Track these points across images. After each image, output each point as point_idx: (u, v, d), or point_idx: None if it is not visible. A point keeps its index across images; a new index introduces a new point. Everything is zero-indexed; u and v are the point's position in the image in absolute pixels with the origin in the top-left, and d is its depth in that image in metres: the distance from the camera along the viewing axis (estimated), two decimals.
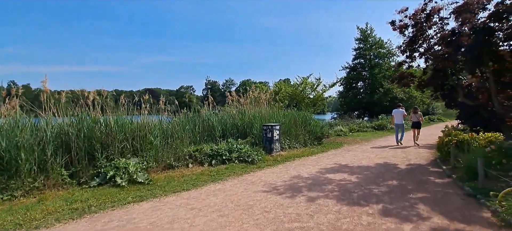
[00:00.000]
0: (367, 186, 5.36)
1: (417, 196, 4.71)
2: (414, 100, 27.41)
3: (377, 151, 9.98)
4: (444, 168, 6.67)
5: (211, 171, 6.91)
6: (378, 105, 25.78)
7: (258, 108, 11.22)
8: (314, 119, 13.64)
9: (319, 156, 9.15)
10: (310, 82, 15.49)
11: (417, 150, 10.15)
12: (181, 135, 8.19)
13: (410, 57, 7.98)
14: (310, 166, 7.49)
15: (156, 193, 5.14)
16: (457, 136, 7.38)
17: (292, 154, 9.32)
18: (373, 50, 27.78)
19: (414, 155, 9.00)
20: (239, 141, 9.13)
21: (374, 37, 28.61)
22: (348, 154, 9.44)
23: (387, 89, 25.18)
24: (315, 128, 11.92)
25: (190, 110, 10.12)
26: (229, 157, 7.92)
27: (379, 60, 27.95)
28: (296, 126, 11.04)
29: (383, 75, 26.65)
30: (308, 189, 5.23)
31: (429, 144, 12.09)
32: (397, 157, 8.65)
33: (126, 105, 7.97)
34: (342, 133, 16.55)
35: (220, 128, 9.51)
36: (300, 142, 10.95)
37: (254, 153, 8.26)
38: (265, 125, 9.38)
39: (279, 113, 11.12)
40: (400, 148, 10.89)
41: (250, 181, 5.97)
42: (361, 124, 19.51)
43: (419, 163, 7.72)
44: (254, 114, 10.38)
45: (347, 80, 29.11)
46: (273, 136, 9.19)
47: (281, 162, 8.12)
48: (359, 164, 7.69)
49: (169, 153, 7.44)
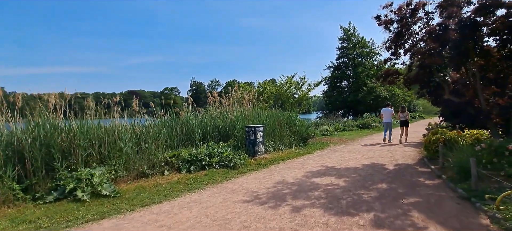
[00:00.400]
0: (356, 191, 4.98)
1: (410, 201, 4.37)
2: (397, 98, 27.86)
3: (363, 151, 9.73)
4: (433, 168, 6.44)
5: (188, 178, 6.33)
6: (362, 104, 25.95)
7: (241, 109, 10.71)
8: (300, 118, 13.30)
9: (305, 158, 8.76)
10: (295, 82, 15.18)
11: (403, 149, 10.01)
12: (156, 140, 7.54)
13: (395, 54, 7.73)
14: (295, 170, 7.07)
15: (121, 208, 4.51)
16: (444, 134, 7.21)
17: (277, 157, 8.88)
18: (356, 49, 27.99)
19: (400, 154, 8.80)
20: (221, 144, 8.60)
21: (357, 36, 28.83)
22: (334, 155, 9.12)
23: (370, 88, 25.41)
24: (300, 128, 11.56)
25: (174, 113, 9.47)
26: (209, 162, 7.36)
27: (363, 60, 28.19)
28: (280, 127, 10.62)
29: (367, 74, 26.88)
30: (293, 197, 4.78)
31: (413, 141, 12.05)
32: (384, 157, 8.41)
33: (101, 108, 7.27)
34: (327, 132, 16.36)
35: (200, 131, 8.92)
36: (285, 143, 10.54)
37: (236, 157, 7.74)
38: (248, 127, 8.89)
39: (263, 114, 10.66)
40: (387, 145, 10.73)
41: (231, 189, 5.45)
42: (346, 122, 19.44)
43: (406, 162, 7.49)
44: (237, 116, 9.86)
45: (332, 80, 29.16)
46: (257, 138, 8.71)
47: (265, 166, 7.66)
48: (346, 165, 7.36)
49: (142, 160, 6.79)
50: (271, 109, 12.88)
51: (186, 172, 6.99)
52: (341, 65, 29.46)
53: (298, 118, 12.30)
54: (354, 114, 26.85)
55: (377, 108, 25.97)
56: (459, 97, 6.88)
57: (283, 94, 15.08)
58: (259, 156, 8.71)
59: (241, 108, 10.93)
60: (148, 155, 7.03)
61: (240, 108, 10.80)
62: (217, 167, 7.33)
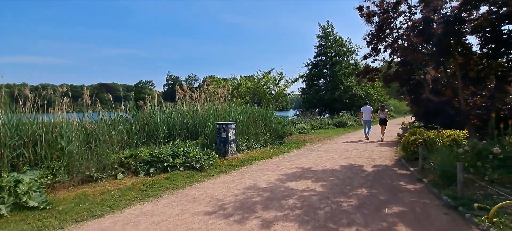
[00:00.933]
0: (335, 198, 4.43)
1: (393, 210, 3.88)
2: (371, 97, 28.40)
3: (340, 150, 9.36)
4: (412, 170, 6.12)
5: (145, 183, 5.45)
6: (338, 102, 26.10)
7: (213, 105, 9.88)
8: (276, 116, 12.76)
9: (280, 158, 8.18)
10: (272, 78, 14.55)
11: (379, 149, 9.79)
12: (110, 138, 6.53)
13: (375, 50, 7.35)
14: (269, 172, 6.44)
15: (47, 225, 3.58)
16: (423, 135, 6.95)
17: (250, 156, 8.21)
18: (334, 48, 28.08)
19: (377, 155, 8.52)
20: (188, 143, 7.75)
21: (335, 35, 28.96)
22: (311, 155, 8.63)
23: (347, 86, 25.61)
24: (276, 126, 10.98)
25: (134, 107, 8.39)
26: (172, 164, 6.50)
27: (340, 58, 28.37)
28: (255, 124, 9.95)
29: (344, 73, 27.08)
30: (264, 207, 4.12)
31: (388, 141, 11.98)
32: (361, 157, 8.05)
33: (43, 101, 6.11)
34: (304, 130, 16.01)
35: (165, 128, 8.00)
36: (260, 142, 9.90)
37: (204, 157, 6.95)
38: (219, 124, 8.11)
39: (238, 110, 9.93)
40: (363, 144, 10.48)
41: (192, 197, 4.68)
42: (323, 121, 19.28)
43: (384, 164, 7.16)
44: (208, 112, 9.03)
45: (309, 77, 29.07)
46: (228, 136, 7.97)
47: (237, 167, 6.95)
48: (323, 167, 6.86)
49: (91, 162, 5.78)
50: (247, 106, 12.20)
51: (145, 175, 6.08)
52: (319, 63, 29.45)
53: (275, 115, 11.72)
54: (331, 112, 26.95)
55: (353, 107, 26.29)
56: (438, 96, 6.62)
57: (260, 90, 14.44)
58: (231, 156, 7.98)
59: (214, 103, 10.12)
60: (98, 155, 6.02)
61: (213, 104, 9.99)
62: (182, 169, 6.49)
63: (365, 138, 12.16)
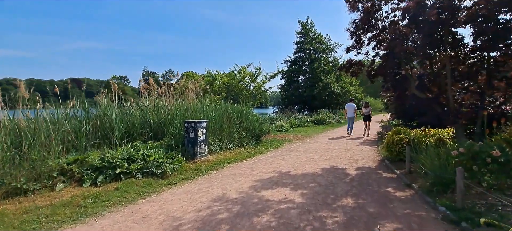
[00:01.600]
0: (318, 213, 3.72)
1: (387, 228, 3.23)
2: (349, 95, 28.56)
3: (320, 150, 8.77)
4: (399, 173, 5.60)
5: (88, 196, 4.42)
6: (317, 100, 25.88)
7: (183, 101, 8.87)
8: (254, 113, 11.99)
9: (255, 160, 7.40)
10: (249, 73, 13.70)
11: (360, 148, 9.34)
12: (48, 140, 5.38)
13: (359, 42, 6.77)
14: (242, 177, 5.63)
15: None
16: (408, 134, 6.48)
17: (223, 158, 7.36)
18: (313, 44, 27.80)
19: (359, 154, 8.01)
20: (150, 144, 6.74)
21: (314, 32, 28.69)
22: (289, 156, 7.94)
23: (326, 84, 25.43)
24: (253, 124, 10.19)
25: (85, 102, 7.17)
26: (127, 170, 5.49)
27: (319, 55, 28.16)
28: (230, 122, 9.08)
29: (322, 70, 26.90)
30: (231, 226, 3.31)
31: (368, 139, 11.65)
32: (343, 158, 7.49)
33: None
34: (283, 128, 15.39)
35: (123, 127, 6.91)
36: (235, 142, 9.06)
37: (167, 161, 5.99)
38: (187, 122, 7.16)
39: (210, 107, 9.00)
40: (344, 140, 9.99)
41: (143, 215, 3.75)
42: (302, 118, 18.82)
43: (368, 166, 6.62)
44: (176, 109, 8.03)
45: (289, 74, 28.62)
46: (198, 136, 7.05)
47: (205, 172, 6.07)
48: (303, 170, 6.17)
49: (21, 169, 4.64)
50: (222, 102, 11.30)
51: (91, 185, 5.03)
52: (298, 60, 29.09)
53: (252, 112, 10.92)
54: (310, 109, 26.70)
55: (331, 104, 26.20)
56: (424, 92, 6.15)
57: (236, 85, 13.55)
58: (200, 159, 7.07)
59: (184, 100, 9.12)
60: (32, 161, 4.88)
61: (183, 100, 8.98)
62: (139, 176, 5.50)
63: (347, 134, 12.41)
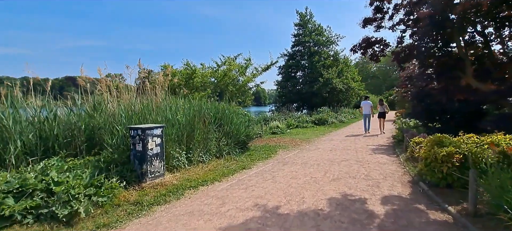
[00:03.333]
0: None
1: None
2: (352, 92, 26.40)
3: (324, 163, 6.58)
4: (455, 212, 3.43)
5: None
6: (317, 97, 23.68)
7: (143, 99, 6.65)
8: (242, 112, 9.84)
9: (233, 182, 5.22)
10: (238, 65, 11.40)
11: (376, 158, 7.16)
12: None
13: (380, 12, 4.55)
14: (200, 222, 3.45)
15: None
16: (458, 146, 4.30)
17: (188, 179, 5.19)
18: (313, 37, 25.54)
19: (377, 170, 5.84)
20: (74, 163, 4.54)
21: (314, 23, 26.44)
22: (282, 173, 5.76)
23: (326, 79, 23.15)
24: (238, 127, 8.00)
25: None
26: (10, 213, 3.29)
27: (319, 48, 25.92)
28: (204, 126, 6.88)
29: (323, 64, 24.65)
30: None
31: (380, 144, 9.48)
32: (357, 178, 5.31)
33: None
34: (278, 130, 13.23)
35: (33, 138, 4.69)
36: (211, 152, 6.88)
37: (88, 192, 3.81)
38: (133, 129, 4.96)
39: (178, 107, 6.79)
40: (352, 152, 7.80)
41: None
42: (300, 118, 16.64)
43: (397, 193, 4.44)
44: (121, 110, 5.80)
45: (286, 69, 26.40)
46: (147, 148, 4.85)
47: (147, 208, 3.89)
48: (300, 204, 3.99)
49: None
50: (209, 100, 9.12)
51: None
52: (297, 53, 26.85)
53: (238, 112, 8.72)
54: (309, 108, 24.52)
55: (333, 102, 24.03)
56: (487, 81, 3.96)
57: (220, 80, 11.32)
58: (152, 181, 4.88)
59: (149, 97, 6.90)
60: None
61: (148, 98, 6.76)
62: (30, 222, 3.32)
63: (365, 132, 12.36)
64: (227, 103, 8.39)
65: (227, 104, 8.11)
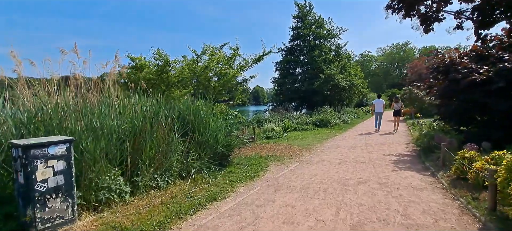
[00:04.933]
0: None
1: None
2: (355, 89, 24.41)
3: (334, 189, 4.56)
4: None
5: None
6: (318, 95, 21.65)
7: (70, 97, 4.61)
8: (232, 113, 7.88)
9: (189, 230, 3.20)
10: (222, 55, 9.24)
11: (405, 178, 5.12)
12: None
13: None
14: None
15: None
16: None
17: (113, 228, 3.16)
18: (313, 30, 23.49)
19: (415, 204, 3.81)
20: None
21: (314, 15, 24.39)
22: (270, 212, 3.73)
23: (328, 75, 21.03)
24: (215, 134, 5.96)
25: None
26: None
27: (319, 42, 23.87)
28: (164, 135, 4.84)
29: (324, 59, 22.58)
30: None
31: (398, 151, 7.48)
32: (391, 223, 3.29)
33: None
34: (273, 133, 11.23)
35: None
36: (173, 173, 4.86)
37: None
38: (14, 146, 2.93)
39: (131, 108, 4.77)
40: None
41: None
42: (299, 119, 14.64)
43: None
44: None
45: (283, 65, 24.36)
46: (34, 179, 2.81)
47: None
48: None
49: None
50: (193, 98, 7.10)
51: None
52: (295, 48, 24.81)
53: (216, 115, 6.68)
54: (309, 107, 22.53)
55: (334, 100, 22.03)
56: None
57: (200, 73, 9.24)
58: None
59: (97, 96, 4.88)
60: None
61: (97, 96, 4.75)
62: None
63: (376, 130, 12.17)
64: (207, 101, 6.34)
65: (202, 103, 6.06)
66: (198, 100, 6.26)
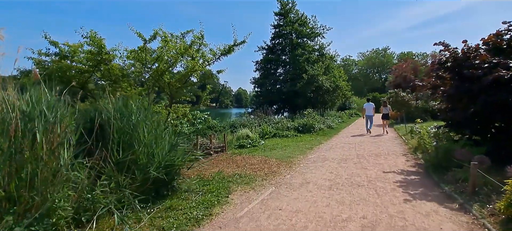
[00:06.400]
0: None
1: None
2: (340, 91, 23.15)
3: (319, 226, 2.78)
4: None
5: None
6: (300, 97, 20.10)
7: None
8: (198, 118, 5.99)
9: None
10: (180, 44, 7.14)
11: (434, 223, 3.45)
12: None
13: None
14: None
15: None
16: None
17: None
18: (295, 27, 21.99)
19: None
20: None
21: (297, 12, 22.93)
22: None
23: (311, 76, 19.49)
24: (151, 150, 3.99)
25: None
26: None
27: (302, 41, 22.42)
28: (47, 156, 2.82)
29: (307, 58, 21.11)
30: None
31: (398, 166, 5.85)
32: None
33: None
34: (248, 142, 9.41)
35: None
36: (57, 222, 2.84)
37: None
38: None
39: None
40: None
41: None
42: (280, 123, 12.90)
43: None
44: None
45: (264, 64, 22.67)
46: None
47: None
48: None
49: None
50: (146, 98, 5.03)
51: None
52: (277, 47, 23.21)
53: (157, 121, 4.71)
54: (291, 110, 20.94)
55: (318, 103, 20.58)
56: None
57: (152, 65, 7.19)
58: None
59: None
60: None
61: None
62: None
63: (367, 131, 12.17)
64: (144, 100, 4.37)
65: (129, 102, 4.09)
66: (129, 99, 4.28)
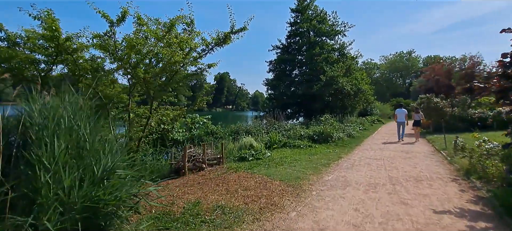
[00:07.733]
0: None
1: None
2: (361, 96, 20.93)
3: None
4: None
5: None
6: (318, 101, 18.15)
7: None
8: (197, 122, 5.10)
9: None
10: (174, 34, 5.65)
11: None
12: None
13: None
14: None
15: None
16: None
17: None
18: (313, 24, 20.12)
19: None
20: None
21: (315, 8, 21.05)
22: None
23: (330, 78, 17.41)
24: (59, 180, 2.43)
25: None
26: None
27: (320, 39, 20.48)
28: None
29: (326, 57, 19.13)
30: None
31: (454, 203, 3.91)
32: None
33: None
34: (251, 152, 7.78)
35: None
36: None
37: None
38: None
39: None
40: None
41: None
42: (292, 130, 11.12)
43: None
44: None
45: (278, 65, 20.96)
46: None
47: None
48: None
49: None
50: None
51: None
52: (292, 46, 21.43)
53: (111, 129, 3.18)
54: (306, 115, 19.04)
55: (337, 107, 18.52)
56: None
57: (122, 56, 5.66)
58: None
59: None
60: None
61: None
62: None
63: (399, 140, 11.56)
64: None
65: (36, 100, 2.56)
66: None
